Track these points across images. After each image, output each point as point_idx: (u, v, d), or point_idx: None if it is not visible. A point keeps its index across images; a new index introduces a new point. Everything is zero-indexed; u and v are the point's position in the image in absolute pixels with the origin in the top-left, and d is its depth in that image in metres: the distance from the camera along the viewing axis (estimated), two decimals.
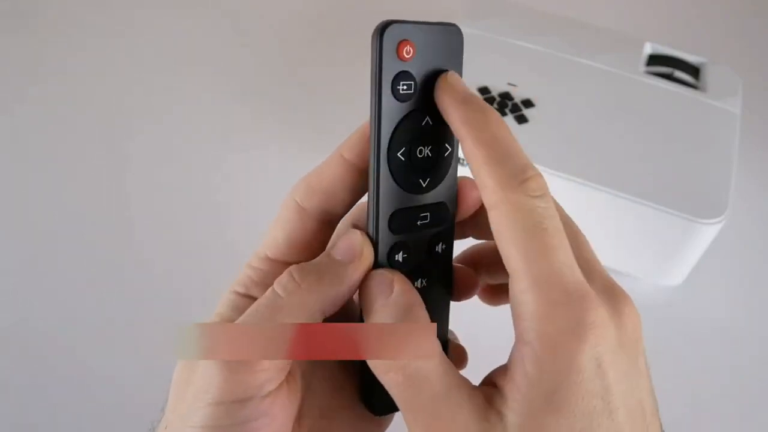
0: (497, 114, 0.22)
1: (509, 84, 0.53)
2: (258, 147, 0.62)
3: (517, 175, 0.20)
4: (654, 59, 0.59)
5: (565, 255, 0.20)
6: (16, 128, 0.62)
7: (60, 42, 0.71)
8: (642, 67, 0.57)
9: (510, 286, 0.20)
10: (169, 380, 0.24)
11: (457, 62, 0.23)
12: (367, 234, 0.23)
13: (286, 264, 0.24)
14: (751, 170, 0.62)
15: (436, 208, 0.24)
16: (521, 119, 0.50)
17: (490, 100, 0.51)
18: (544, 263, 0.19)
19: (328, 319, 0.23)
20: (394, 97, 0.22)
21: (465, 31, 0.23)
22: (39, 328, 0.48)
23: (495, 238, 0.21)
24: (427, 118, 0.23)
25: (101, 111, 0.64)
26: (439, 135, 0.23)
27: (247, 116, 0.64)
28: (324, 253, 0.23)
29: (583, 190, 0.47)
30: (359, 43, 0.74)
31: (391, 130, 0.22)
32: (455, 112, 0.22)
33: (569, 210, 0.23)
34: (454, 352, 0.27)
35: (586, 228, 0.23)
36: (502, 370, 0.21)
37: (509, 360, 0.21)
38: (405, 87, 0.22)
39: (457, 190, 0.24)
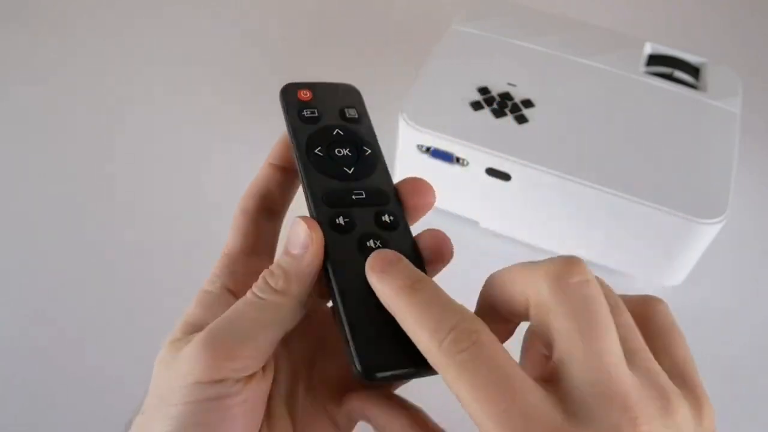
0: (413, 279, 0.23)
1: (509, 84, 0.53)
2: (258, 147, 0.61)
3: (441, 333, 0.21)
4: (654, 59, 0.59)
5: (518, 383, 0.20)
6: (14, 128, 0.62)
7: (57, 37, 0.71)
8: (642, 67, 0.57)
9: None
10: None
11: (360, 108, 0.30)
12: (312, 217, 0.27)
13: (241, 256, 0.28)
14: (751, 170, 0.62)
15: (373, 190, 0.28)
16: (521, 119, 0.50)
17: (490, 100, 0.51)
18: (501, 415, 0.19)
19: None
20: (301, 120, 0.29)
21: (465, 30, 0.23)
22: (38, 328, 0.48)
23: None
24: (338, 130, 0.29)
25: (100, 110, 0.64)
26: (354, 140, 0.29)
27: (246, 116, 0.64)
28: (283, 251, 0.26)
29: (583, 189, 0.46)
30: (359, 43, 0.74)
31: (305, 139, 0.29)
32: (377, 288, 0.24)
33: (569, 209, 0.23)
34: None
35: (586, 228, 0.23)
36: None
37: None
38: (309, 112, 0.29)
39: (391, 180, 0.29)
